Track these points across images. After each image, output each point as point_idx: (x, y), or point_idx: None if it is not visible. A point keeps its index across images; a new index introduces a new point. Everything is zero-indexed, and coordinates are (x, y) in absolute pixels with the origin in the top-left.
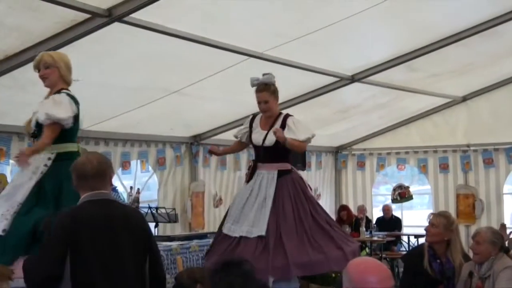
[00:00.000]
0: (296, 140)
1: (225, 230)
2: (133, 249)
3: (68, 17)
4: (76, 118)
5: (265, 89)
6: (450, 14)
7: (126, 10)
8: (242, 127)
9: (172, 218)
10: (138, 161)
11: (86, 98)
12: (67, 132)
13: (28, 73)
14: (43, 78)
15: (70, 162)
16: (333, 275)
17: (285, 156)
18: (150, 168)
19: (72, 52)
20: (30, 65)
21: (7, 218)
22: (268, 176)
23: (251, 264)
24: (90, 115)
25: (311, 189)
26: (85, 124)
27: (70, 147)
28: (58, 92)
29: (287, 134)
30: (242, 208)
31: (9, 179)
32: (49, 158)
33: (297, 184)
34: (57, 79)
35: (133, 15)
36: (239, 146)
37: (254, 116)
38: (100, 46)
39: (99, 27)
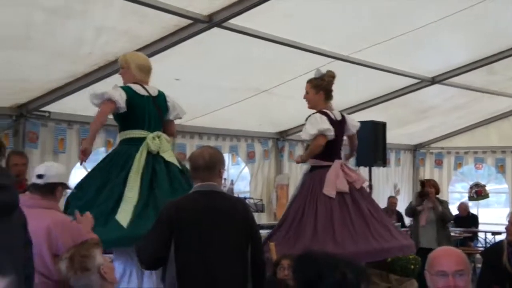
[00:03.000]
0: (307, 149)
1: None
2: (234, 236)
3: (171, 22)
4: (129, 103)
5: (309, 81)
6: None
7: (225, 16)
8: None
9: (259, 208)
10: (229, 154)
11: (184, 95)
12: (125, 119)
13: None
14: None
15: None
16: (412, 266)
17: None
18: (240, 160)
19: (174, 55)
20: None
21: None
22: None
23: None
24: (187, 111)
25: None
26: (183, 119)
27: (132, 133)
28: None
29: None
30: None
31: None
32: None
33: (319, 181)
34: (130, 78)
35: (230, 20)
36: None
37: None
38: (199, 49)
39: (199, 32)
